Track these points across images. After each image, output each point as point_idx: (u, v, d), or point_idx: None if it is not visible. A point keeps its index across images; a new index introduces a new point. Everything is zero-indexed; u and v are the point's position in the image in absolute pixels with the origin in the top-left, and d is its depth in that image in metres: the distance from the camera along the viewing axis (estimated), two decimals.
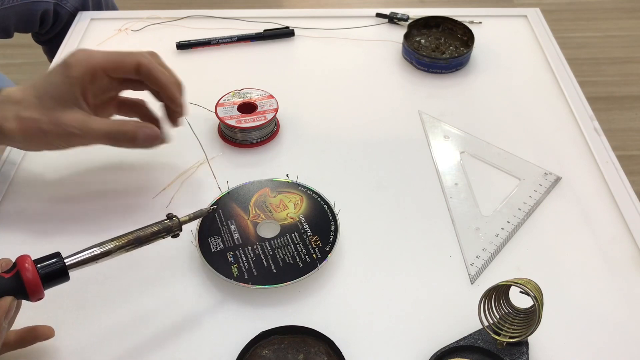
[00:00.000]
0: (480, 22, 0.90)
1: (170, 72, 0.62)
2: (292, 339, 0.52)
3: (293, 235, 0.59)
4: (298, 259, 0.57)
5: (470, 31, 0.84)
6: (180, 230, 0.55)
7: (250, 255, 0.58)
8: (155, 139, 0.60)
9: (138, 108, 0.65)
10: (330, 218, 0.61)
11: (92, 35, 0.88)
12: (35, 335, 0.51)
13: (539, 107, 0.77)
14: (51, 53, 1.19)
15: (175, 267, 0.59)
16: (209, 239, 0.59)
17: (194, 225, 0.60)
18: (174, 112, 0.63)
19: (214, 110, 0.71)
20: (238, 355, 0.51)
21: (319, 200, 0.62)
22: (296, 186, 0.64)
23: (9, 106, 0.56)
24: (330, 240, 0.59)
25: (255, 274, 0.56)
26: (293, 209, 0.61)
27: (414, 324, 0.55)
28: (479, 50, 0.85)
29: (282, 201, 0.62)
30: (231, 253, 0.58)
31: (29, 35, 1.17)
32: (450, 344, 0.52)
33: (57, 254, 0.48)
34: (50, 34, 1.13)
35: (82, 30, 0.88)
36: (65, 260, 0.48)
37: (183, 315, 0.55)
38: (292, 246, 0.58)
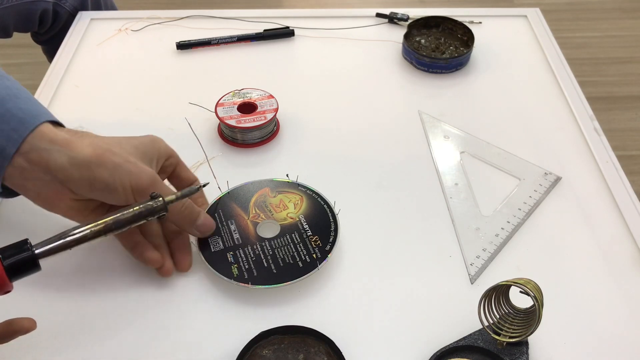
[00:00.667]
0: (480, 22, 0.90)
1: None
2: (292, 339, 0.52)
3: (293, 235, 0.59)
4: (298, 259, 0.57)
5: (470, 31, 0.84)
6: (166, 211, 0.51)
7: (250, 255, 0.57)
8: (209, 230, 0.58)
9: None
10: (330, 218, 0.60)
11: (92, 35, 0.88)
12: (15, 329, 0.47)
13: (539, 107, 0.77)
14: (50, 53, 1.19)
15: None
16: (209, 239, 0.59)
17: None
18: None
19: (214, 110, 0.71)
20: (238, 355, 0.51)
21: (319, 200, 0.62)
22: (296, 186, 0.64)
23: (86, 136, 0.54)
24: (330, 240, 0.59)
25: (255, 274, 0.56)
26: (293, 209, 0.61)
27: (414, 324, 0.55)
28: (479, 50, 0.85)
29: (282, 201, 0.62)
30: (231, 253, 0.58)
31: (28, 35, 1.17)
32: (450, 344, 0.52)
33: (24, 242, 0.44)
34: (50, 34, 1.13)
35: (82, 30, 0.88)
36: (34, 249, 0.44)
37: (183, 315, 0.55)
38: (292, 246, 0.58)
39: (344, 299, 0.57)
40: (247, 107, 0.72)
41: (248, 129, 0.70)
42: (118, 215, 0.48)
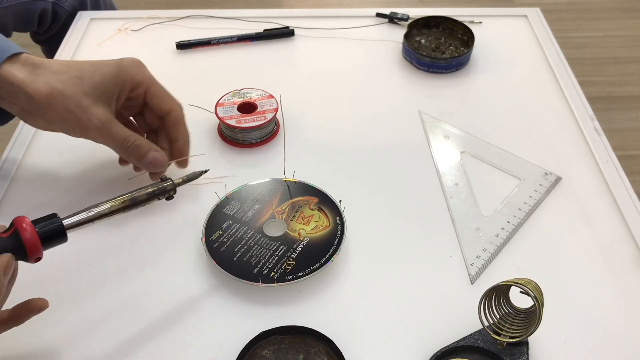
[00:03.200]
0: (480, 22, 0.90)
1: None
2: (292, 339, 0.52)
3: (282, 246, 0.58)
4: (265, 266, 0.57)
5: (470, 31, 0.84)
6: (175, 192, 0.56)
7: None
8: (159, 165, 0.61)
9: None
10: (332, 249, 0.58)
11: (91, 35, 0.88)
12: (29, 308, 0.50)
13: (539, 107, 0.77)
14: (50, 53, 1.18)
15: (178, 264, 0.59)
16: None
17: (202, 221, 0.61)
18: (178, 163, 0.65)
19: (213, 111, 0.71)
20: (238, 355, 0.51)
21: (338, 233, 0.60)
22: (339, 213, 0.62)
23: (45, 72, 0.57)
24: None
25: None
26: (310, 229, 0.60)
27: (414, 324, 0.55)
28: (479, 50, 0.85)
29: (312, 217, 0.61)
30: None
31: (28, 35, 1.17)
32: (450, 344, 0.52)
33: (54, 215, 0.48)
34: (49, 34, 1.13)
35: (81, 30, 0.88)
36: (62, 221, 0.48)
37: (183, 315, 0.55)
38: (270, 253, 0.58)
39: (344, 299, 0.57)
40: (247, 107, 0.72)
41: (248, 129, 0.70)
42: (135, 193, 0.53)
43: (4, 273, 0.44)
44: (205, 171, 0.60)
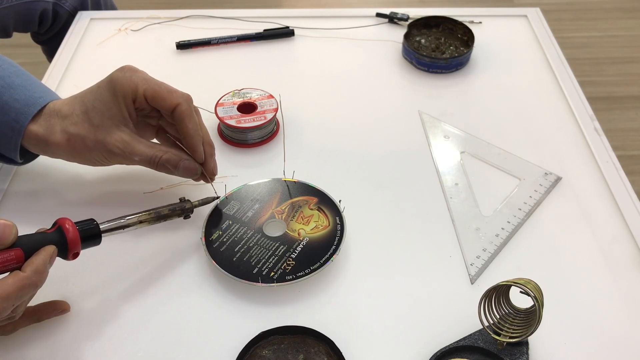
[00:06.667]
0: (480, 22, 0.90)
1: (202, 128, 0.61)
2: (292, 339, 0.52)
3: (281, 246, 0.58)
4: (265, 266, 0.57)
5: (470, 31, 0.84)
6: (192, 212, 0.60)
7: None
8: (193, 173, 0.60)
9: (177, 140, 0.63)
10: (332, 249, 0.58)
11: (91, 35, 0.88)
12: (53, 307, 0.54)
13: (539, 107, 0.77)
14: (50, 53, 1.19)
15: (178, 264, 0.59)
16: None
17: (201, 221, 0.61)
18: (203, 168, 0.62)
19: (213, 111, 0.71)
20: (238, 355, 0.51)
21: (338, 233, 0.60)
22: (339, 213, 0.62)
23: (56, 120, 0.58)
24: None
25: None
26: (310, 229, 0.60)
27: (414, 324, 0.55)
28: (479, 50, 0.85)
29: (312, 216, 0.61)
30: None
31: (28, 35, 1.17)
32: (450, 344, 0.52)
33: (92, 220, 0.53)
34: (50, 34, 1.13)
35: (81, 30, 0.88)
36: (100, 225, 0.53)
37: (183, 315, 0.55)
38: (269, 253, 0.58)
39: (344, 299, 0.57)
40: (247, 107, 0.72)
41: (248, 129, 0.70)
42: (159, 209, 0.58)
43: (49, 261, 0.48)
44: (218, 197, 0.62)
